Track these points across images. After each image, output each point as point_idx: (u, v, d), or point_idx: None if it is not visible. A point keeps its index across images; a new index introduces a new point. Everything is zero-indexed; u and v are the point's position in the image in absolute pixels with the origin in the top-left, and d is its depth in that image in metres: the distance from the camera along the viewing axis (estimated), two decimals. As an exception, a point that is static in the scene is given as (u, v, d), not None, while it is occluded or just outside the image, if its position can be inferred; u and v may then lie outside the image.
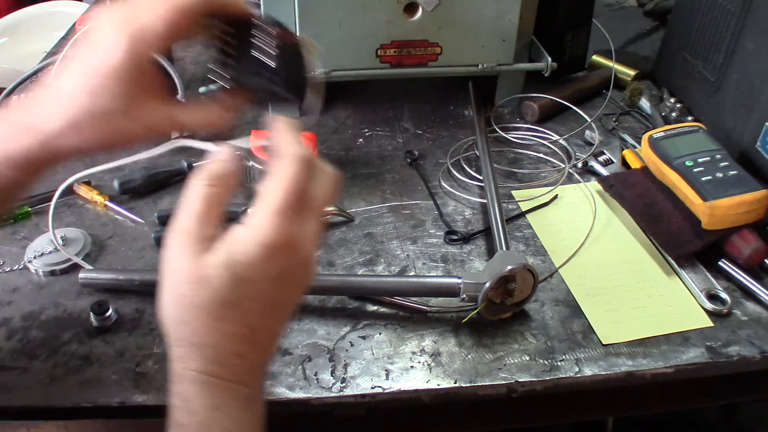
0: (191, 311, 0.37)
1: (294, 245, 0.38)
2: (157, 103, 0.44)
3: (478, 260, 0.70)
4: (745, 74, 0.80)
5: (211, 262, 0.37)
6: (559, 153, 0.86)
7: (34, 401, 0.54)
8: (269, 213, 0.38)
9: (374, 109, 0.97)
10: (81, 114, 0.42)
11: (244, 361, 0.39)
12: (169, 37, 0.42)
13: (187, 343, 0.38)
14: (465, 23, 0.86)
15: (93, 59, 0.41)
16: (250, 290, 0.38)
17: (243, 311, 0.38)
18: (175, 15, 0.42)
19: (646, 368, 0.58)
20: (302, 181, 0.39)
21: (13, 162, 0.43)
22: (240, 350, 0.38)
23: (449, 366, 0.58)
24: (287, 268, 0.38)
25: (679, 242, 0.68)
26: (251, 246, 0.37)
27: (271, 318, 0.40)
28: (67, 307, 0.63)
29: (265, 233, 0.37)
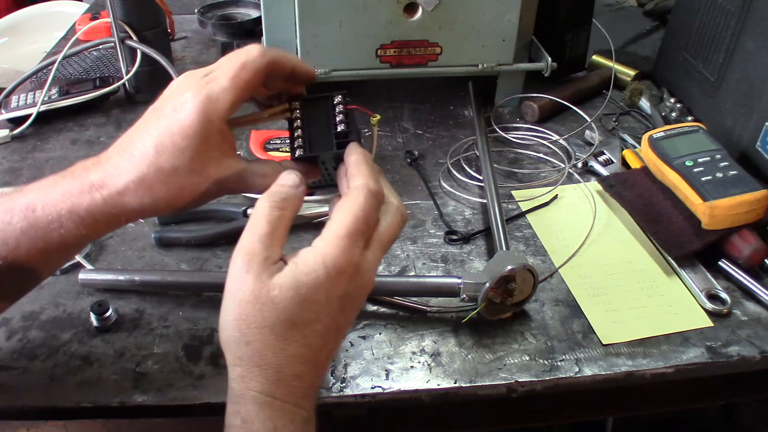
0: (255, 331, 0.38)
1: (358, 270, 0.40)
2: (226, 161, 0.45)
3: (478, 260, 0.70)
4: (745, 74, 0.80)
5: (276, 283, 0.38)
6: (559, 153, 0.86)
7: (34, 401, 0.54)
8: (336, 236, 0.40)
9: (374, 109, 0.96)
10: (147, 170, 0.42)
11: (302, 383, 0.39)
12: (238, 97, 0.43)
13: (250, 363, 0.39)
14: (465, 23, 0.86)
15: (163, 119, 0.43)
16: (314, 312, 0.39)
17: (307, 332, 0.39)
18: (242, 74, 0.43)
19: (646, 368, 0.58)
20: (371, 211, 0.41)
21: (77, 216, 0.43)
22: (300, 372, 0.39)
23: (449, 366, 0.58)
24: (349, 291, 0.40)
25: (679, 242, 0.68)
26: (317, 267, 0.39)
27: (330, 340, 0.41)
28: (67, 307, 0.63)
29: (332, 255, 0.39)
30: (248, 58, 0.44)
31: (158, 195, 0.43)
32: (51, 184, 0.44)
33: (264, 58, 0.44)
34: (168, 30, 0.98)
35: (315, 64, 0.86)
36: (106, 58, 1.05)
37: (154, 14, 0.94)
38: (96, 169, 0.44)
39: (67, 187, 0.43)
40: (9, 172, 0.82)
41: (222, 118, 0.43)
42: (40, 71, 0.95)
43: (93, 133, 0.91)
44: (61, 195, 0.43)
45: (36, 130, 0.90)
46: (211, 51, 1.15)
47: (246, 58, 0.44)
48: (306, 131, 0.49)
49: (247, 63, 0.44)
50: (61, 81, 0.98)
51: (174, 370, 0.56)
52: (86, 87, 0.94)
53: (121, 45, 0.91)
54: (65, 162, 0.84)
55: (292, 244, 0.71)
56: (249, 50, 0.44)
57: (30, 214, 0.43)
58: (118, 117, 0.94)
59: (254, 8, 1.20)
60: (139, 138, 0.43)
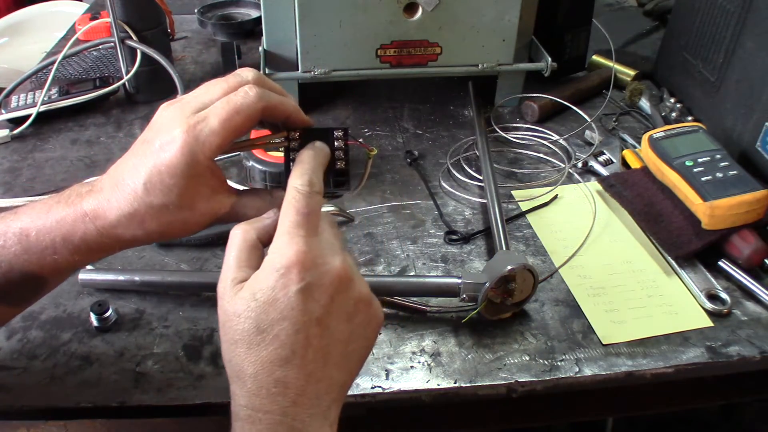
0: (231, 348, 0.39)
1: (311, 258, 0.39)
2: (216, 197, 0.45)
3: (478, 260, 0.70)
4: (745, 74, 0.80)
5: (238, 297, 0.39)
6: (559, 153, 0.86)
7: (34, 401, 0.54)
8: (277, 237, 0.40)
9: (374, 109, 0.97)
10: (139, 206, 0.42)
11: (287, 389, 0.38)
12: (227, 138, 0.43)
13: (233, 380, 0.39)
14: (465, 23, 0.86)
15: (152, 156, 0.42)
16: (277, 311, 0.38)
17: (276, 333, 0.38)
18: (235, 118, 0.43)
19: (646, 368, 0.58)
20: (301, 200, 0.41)
21: (71, 244, 0.44)
22: (280, 376, 0.38)
23: (449, 366, 0.58)
24: (311, 281, 0.39)
25: (679, 242, 0.68)
26: (267, 271, 0.39)
27: (313, 335, 0.39)
28: (67, 307, 0.63)
29: (277, 255, 0.39)
30: (244, 103, 0.43)
31: (150, 228, 0.43)
32: (45, 210, 0.44)
33: (260, 104, 0.44)
34: (168, 30, 0.98)
35: (315, 64, 0.86)
36: (106, 58, 1.06)
37: (154, 14, 0.94)
38: (89, 198, 0.44)
39: (62, 214, 0.44)
40: (9, 172, 0.82)
41: (209, 158, 0.43)
42: (40, 71, 0.95)
43: (93, 133, 0.91)
44: (56, 222, 0.44)
45: (36, 130, 0.90)
46: (211, 51, 1.15)
47: (242, 102, 0.43)
48: None
49: (242, 108, 0.43)
50: (61, 81, 0.98)
51: (174, 370, 0.56)
52: (86, 87, 0.94)
53: (121, 45, 0.91)
54: (65, 162, 0.84)
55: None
56: (247, 93, 0.43)
57: (24, 239, 0.44)
58: (118, 117, 0.94)
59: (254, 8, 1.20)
60: (130, 173, 0.43)
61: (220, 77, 0.46)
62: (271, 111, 0.45)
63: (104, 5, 0.91)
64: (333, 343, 0.40)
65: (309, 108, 0.96)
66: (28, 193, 0.76)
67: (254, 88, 0.44)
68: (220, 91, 0.44)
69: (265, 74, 0.86)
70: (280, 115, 0.46)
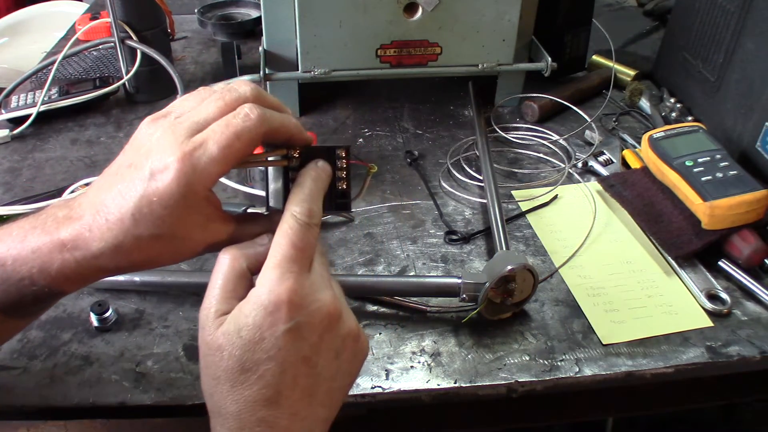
0: (213, 383, 0.38)
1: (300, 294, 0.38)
2: (212, 225, 0.41)
3: (478, 260, 0.70)
4: (745, 74, 0.80)
5: (221, 331, 0.37)
6: (559, 153, 0.86)
7: (34, 401, 0.54)
8: (266, 270, 0.38)
9: (374, 109, 0.97)
10: (125, 238, 0.38)
11: (271, 428, 0.37)
12: (227, 167, 0.39)
13: (214, 415, 0.38)
14: (465, 23, 0.86)
15: (140, 184, 0.38)
16: (263, 351, 0.37)
17: (261, 374, 0.37)
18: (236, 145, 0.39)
19: (646, 368, 0.58)
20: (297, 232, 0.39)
21: (48, 275, 0.40)
22: (264, 416, 0.37)
23: (449, 366, 0.58)
24: (301, 320, 0.38)
25: (679, 242, 0.68)
26: (254, 307, 0.37)
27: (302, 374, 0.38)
28: (67, 307, 0.63)
29: (266, 291, 0.37)
30: (245, 127, 0.39)
31: (136, 260, 0.40)
32: (21, 237, 0.40)
33: (262, 128, 0.40)
34: (168, 30, 0.98)
35: (315, 64, 0.86)
36: (106, 58, 1.06)
37: (154, 14, 0.94)
38: (67, 225, 0.39)
39: (38, 243, 0.39)
40: (9, 172, 0.82)
41: (208, 189, 0.39)
42: (40, 71, 0.95)
43: (93, 133, 0.91)
44: (32, 252, 0.40)
45: (36, 130, 0.90)
46: (211, 51, 1.15)
47: (243, 126, 0.39)
48: None
49: (243, 133, 0.39)
50: (61, 81, 0.98)
51: (174, 370, 0.56)
52: (86, 87, 0.94)
53: (121, 45, 0.91)
54: (65, 162, 0.84)
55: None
56: (248, 116, 0.39)
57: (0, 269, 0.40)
58: (118, 117, 0.94)
59: (254, 8, 1.20)
60: (115, 201, 0.38)
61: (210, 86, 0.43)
62: (273, 134, 0.41)
63: (104, 5, 0.91)
64: (319, 382, 0.39)
65: (309, 108, 0.96)
66: (28, 193, 0.76)
67: (255, 109, 0.40)
68: (216, 110, 0.40)
69: (265, 74, 0.86)
70: (283, 136, 0.42)
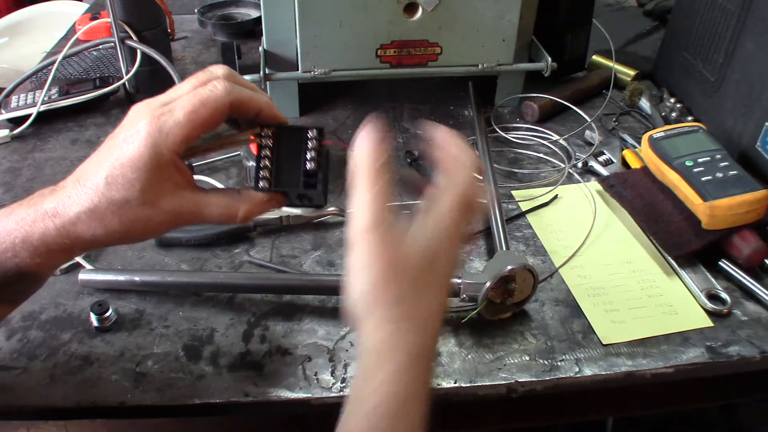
0: (407, 287, 0.41)
1: (459, 239, 0.43)
2: (181, 193, 0.44)
3: (478, 260, 0.70)
4: (745, 74, 0.80)
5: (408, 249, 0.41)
6: (559, 153, 0.86)
7: (34, 401, 0.54)
8: (447, 208, 0.43)
9: (374, 109, 0.97)
10: (99, 201, 0.42)
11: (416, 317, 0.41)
12: (193, 132, 0.42)
13: (404, 317, 0.40)
14: (465, 23, 0.86)
15: (115, 150, 0.42)
16: (434, 275, 0.42)
17: (430, 288, 0.42)
18: (201, 110, 0.42)
19: (646, 368, 0.58)
20: (472, 186, 0.44)
21: (30, 245, 0.43)
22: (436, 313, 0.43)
23: (449, 366, 0.58)
24: (452, 257, 0.43)
25: (679, 242, 0.68)
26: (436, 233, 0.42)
27: (442, 295, 0.43)
28: (67, 307, 0.63)
29: (446, 224, 0.42)
30: (211, 95, 0.43)
31: (111, 226, 0.42)
32: (7, 212, 0.44)
33: (228, 98, 0.43)
34: (168, 30, 0.98)
35: (315, 64, 0.86)
36: (106, 58, 1.06)
37: (154, 14, 0.94)
38: (51, 198, 0.43)
39: (23, 215, 0.43)
40: (9, 172, 0.82)
41: (173, 152, 0.42)
42: (40, 71, 0.95)
43: (93, 133, 0.91)
44: (16, 223, 0.43)
45: (36, 130, 0.90)
46: (211, 51, 1.15)
47: (209, 95, 0.43)
48: (274, 162, 0.47)
49: (209, 101, 0.42)
50: (61, 81, 0.98)
51: (174, 370, 0.56)
52: (86, 87, 0.94)
53: (121, 45, 0.91)
54: (65, 162, 0.84)
55: (292, 244, 0.71)
56: (215, 86, 0.43)
57: None
58: (118, 117, 0.94)
59: (254, 8, 1.20)
60: (93, 169, 0.42)
61: None
62: (241, 106, 0.44)
63: (104, 5, 0.91)
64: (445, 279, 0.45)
65: (309, 108, 0.96)
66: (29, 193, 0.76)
67: (223, 81, 0.43)
68: (189, 87, 0.44)
69: (265, 74, 0.86)
70: (252, 109, 0.45)
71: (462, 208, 0.43)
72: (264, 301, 0.64)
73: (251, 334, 0.60)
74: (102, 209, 0.42)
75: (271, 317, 0.62)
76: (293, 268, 0.68)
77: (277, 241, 0.71)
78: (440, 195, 0.43)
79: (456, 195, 0.43)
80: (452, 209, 0.43)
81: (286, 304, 0.64)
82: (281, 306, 0.64)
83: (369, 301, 0.40)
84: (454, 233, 0.43)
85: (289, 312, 0.63)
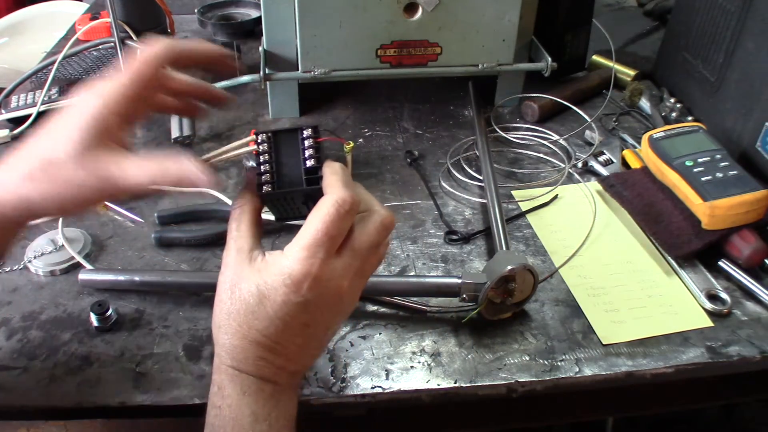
0: (225, 317, 0.43)
1: (319, 279, 0.42)
2: (114, 156, 0.43)
3: (478, 260, 0.70)
4: (745, 74, 0.80)
5: (246, 277, 0.42)
6: (559, 153, 0.86)
7: (34, 401, 0.54)
8: (297, 248, 0.42)
9: (374, 109, 0.97)
10: (32, 162, 0.42)
11: (268, 365, 0.43)
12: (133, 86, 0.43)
13: (221, 346, 0.44)
14: (465, 23, 0.86)
15: (57, 117, 0.43)
16: (273, 311, 0.42)
17: (266, 327, 0.42)
18: (139, 67, 0.44)
19: (646, 368, 0.58)
20: (337, 221, 0.42)
21: None
22: (264, 356, 0.43)
23: (449, 366, 0.58)
24: (311, 299, 0.42)
25: (679, 242, 0.68)
26: (277, 275, 0.42)
27: (298, 336, 0.43)
28: (67, 307, 0.63)
29: (290, 266, 0.41)
30: (148, 50, 0.44)
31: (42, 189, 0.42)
32: None
33: (164, 50, 0.44)
34: (168, 30, 0.98)
35: (315, 64, 0.86)
36: (106, 58, 1.05)
37: (154, 14, 0.94)
38: None
39: None
40: (9, 172, 0.82)
41: (113, 106, 0.43)
42: (40, 71, 0.95)
43: (93, 133, 0.90)
44: None
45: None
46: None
47: (146, 50, 0.44)
48: (274, 165, 0.47)
49: (146, 55, 0.44)
50: (61, 81, 0.97)
51: (174, 370, 0.56)
52: (86, 87, 0.94)
53: (121, 45, 0.91)
54: (65, 162, 0.84)
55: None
56: (152, 43, 0.44)
57: None
58: (118, 117, 0.94)
59: (254, 8, 1.20)
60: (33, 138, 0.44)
61: None
62: (186, 56, 0.45)
63: (104, 5, 0.91)
64: (312, 340, 0.45)
65: (309, 108, 0.96)
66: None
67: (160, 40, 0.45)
68: None
69: (265, 74, 0.86)
70: (200, 59, 0.46)
71: (313, 245, 0.41)
72: (264, 301, 0.64)
73: (251, 334, 0.60)
74: (34, 169, 0.42)
75: (271, 317, 0.62)
76: (293, 268, 0.68)
77: (278, 241, 0.71)
78: (299, 233, 0.43)
79: (308, 231, 0.42)
80: (300, 248, 0.42)
81: (286, 304, 0.64)
82: (281, 306, 0.63)
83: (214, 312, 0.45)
84: (298, 278, 0.41)
85: (289, 312, 0.63)
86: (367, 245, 0.44)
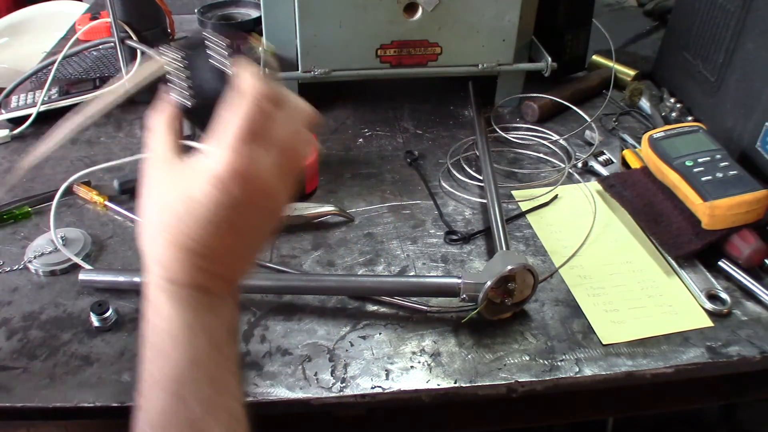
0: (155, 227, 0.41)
1: (245, 176, 0.40)
2: None
3: (478, 260, 0.70)
4: (745, 74, 0.80)
5: (171, 183, 0.41)
6: (559, 153, 0.86)
7: (34, 401, 0.54)
8: (221, 146, 0.40)
9: (374, 109, 0.97)
10: None
11: (204, 272, 0.41)
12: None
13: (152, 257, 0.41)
14: (465, 23, 0.86)
15: None
16: (202, 214, 0.40)
17: (197, 231, 0.40)
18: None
19: (646, 368, 0.58)
20: (256, 117, 0.41)
21: None
22: (197, 263, 0.41)
23: (449, 366, 0.58)
24: (241, 196, 0.40)
25: (679, 242, 0.68)
26: (203, 177, 0.40)
27: (230, 239, 0.41)
28: (67, 307, 0.63)
29: (215, 166, 0.40)
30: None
31: None
32: None
33: None
34: (168, 30, 0.98)
35: (315, 64, 0.86)
36: (106, 58, 1.05)
37: (154, 14, 0.94)
38: None
39: None
40: (9, 172, 0.82)
41: None
42: (40, 71, 0.95)
43: (93, 133, 0.91)
44: None
45: (36, 130, 0.90)
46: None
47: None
48: (187, 81, 0.45)
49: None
50: (61, 81, 0.97)
51: (174, 370, 0.56)
52: (86, 87, 0.94)
53: (121, 45, 0.91)
54: (65, 162, 0.84)
55: (292, 244, 0.71)
56: None
57: None
58: (118, 117, 0.94)
59: (254, 8, 1.20)
60: None
61: None
62: None
63: (104, 5, 0.91)
64: (242, 244, 0.43)
65: (309, 108, 0.96)
66: (29, 193, 0.76)
67: None
68: None
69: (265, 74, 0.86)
70: None
71: (238, 141, 0.40)
72: (264, 301, 0.64)
73: (251, 333, 0.60)
74: None
75: (271, 317, 0.62)
76: (293, 268, 0.68)
77: (277, 241, 0.71)
78: (218, 131, 0.41)
79: (229, 129, 0.40)
80: (224, 147, 0.40)
81: (286, 304, 0.64)
82: (281, 306, 0.64)
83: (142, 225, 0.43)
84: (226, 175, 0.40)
85: (289, 312, 0.63)
86: (292, 141, 0.43)
